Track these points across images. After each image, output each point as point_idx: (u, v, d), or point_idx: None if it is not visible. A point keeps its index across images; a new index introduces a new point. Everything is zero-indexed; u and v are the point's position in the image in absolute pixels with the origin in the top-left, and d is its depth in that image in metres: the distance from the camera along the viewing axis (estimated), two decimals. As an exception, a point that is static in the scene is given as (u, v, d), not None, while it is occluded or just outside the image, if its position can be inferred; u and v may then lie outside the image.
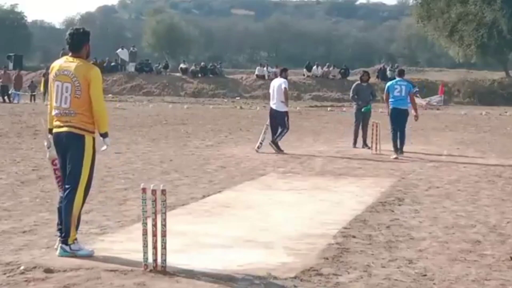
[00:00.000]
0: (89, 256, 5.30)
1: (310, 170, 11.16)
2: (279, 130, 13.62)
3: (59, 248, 5.35)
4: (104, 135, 5.56)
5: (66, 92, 5.31)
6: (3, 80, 33.06)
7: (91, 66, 5.46)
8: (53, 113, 5.42)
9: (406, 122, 13.21)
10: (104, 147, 5.65)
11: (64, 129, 5.34)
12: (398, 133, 13.02)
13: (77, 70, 5.31)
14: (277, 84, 13.71)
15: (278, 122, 13.61)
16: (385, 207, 7.78)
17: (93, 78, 5.33)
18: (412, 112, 13.41)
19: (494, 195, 8.82)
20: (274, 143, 13.49)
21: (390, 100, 13.19)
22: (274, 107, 13.74)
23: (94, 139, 5.46)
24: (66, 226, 5.34)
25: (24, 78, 38.77)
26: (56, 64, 5.43)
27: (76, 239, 5.37)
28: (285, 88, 13.52)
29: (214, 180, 9.74)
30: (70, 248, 5.31)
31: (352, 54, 75.79)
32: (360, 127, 14.84)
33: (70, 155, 5.34)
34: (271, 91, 14.08)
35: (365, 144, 14.47)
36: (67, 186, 5.38)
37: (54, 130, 5.43)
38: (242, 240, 5.96)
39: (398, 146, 12.98)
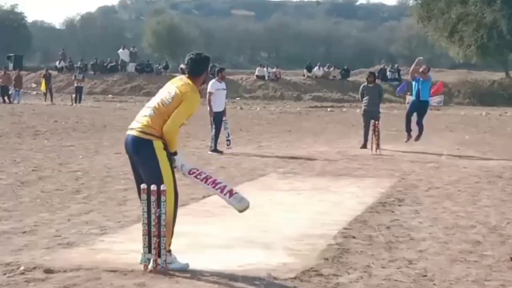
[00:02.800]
0: (184, 270, 4.99)
1: (310, 170, 11.16)
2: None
3: (149, 261, 5.05)
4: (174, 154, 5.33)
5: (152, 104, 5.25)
6: (3, 80, 33.05)
7: (196, 90, 5.36)
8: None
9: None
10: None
11: (131, 131, 5.21)
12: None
13: (182, 87, 5.26)
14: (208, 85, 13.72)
15: None
16: (385, 207, 7.78)
17: (187, 98, 5.21)
18: None
19: (494, 195, 8.82)
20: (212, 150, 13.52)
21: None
22: None
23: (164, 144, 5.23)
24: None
25: (24, 78, 38.76)
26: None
27: (170, 250, 5.09)
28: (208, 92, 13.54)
29: (214, 180, 9.71)
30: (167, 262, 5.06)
31: (352, 54, 75.68)
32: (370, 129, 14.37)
33: (138, 157, 5.25)
34: None
35: (377, 148, 13.80)
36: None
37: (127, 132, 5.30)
38: (242, 241, 5.97)
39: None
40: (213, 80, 13.81)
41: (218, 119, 13.72)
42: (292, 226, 6.66)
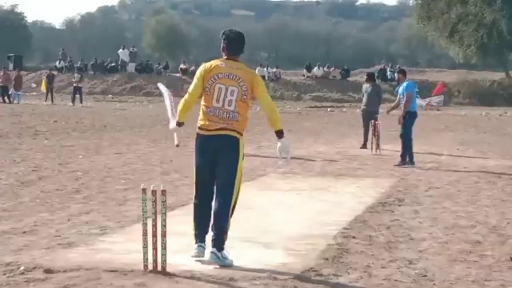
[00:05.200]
0: (229, 266, 5.11)
1: (310, 170, 11.16)
2: None
3: (209, 254, 5.17)
4: (280, 134, 5.42)
5: (232, 95, 5.24)
6: (3, 80, 33.05)
7: (254, 72, 5.49)
8: (209, 112, 5.28)
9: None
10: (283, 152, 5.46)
11: (225, 132, 5.24)
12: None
13: (245, 75, 5.31)
14: None
15: None
16: (385, 207, 7.78)
17: (257, 82, 5.36)
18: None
19: (494, 195, 8.82)
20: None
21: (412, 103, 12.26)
22: None
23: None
24: (222, 232, 5.24)
25: (24, 78, 38.76)
26: (213, 66, 5.33)
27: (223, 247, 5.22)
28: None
29: (214, 180, 9.72)
30: (222, 256, 5.16)
31: (352, 54, 75.73)
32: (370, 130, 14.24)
33: (226, 158, 5.26)
34: None
35: (377, 148, 13.75)
36: (223, 190, 5.25)
37: (209, 133, 5.29)
38: (242, 241, 5.96)
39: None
40: None
41: None
42: (292, 226, 6.66)
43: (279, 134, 5.41)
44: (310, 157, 12.90)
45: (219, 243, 5.21)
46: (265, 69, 44.04)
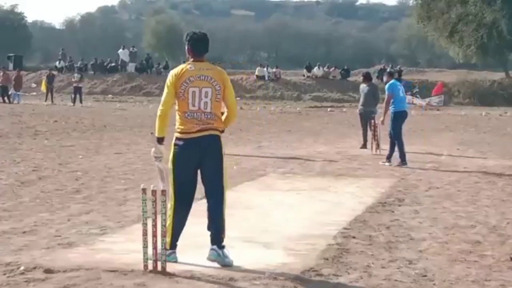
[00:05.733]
0: (229, 265, 5.15)
1: (310, 170, 11.16)
2: None
3: (210, 251, 5.23)
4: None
5: (206, 97, 5.24)
6: (3, 81, 33.04)
7: (222, 69, 5.51)
8: (187, 116, 5.24)
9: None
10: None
11: (207, 132, 5.24)
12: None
13: (216, 75, 5.33)
14: None
15: None
16: (385, 207, 7.78)
17: (227, 81, 5.38)
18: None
19: (494, 195, 8.82)
20: None
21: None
22: None
23: None
24: (221, 231, 5.31)
25: (24, 78, 38.75)
26: (183, 70, 5.31)
27: (223, 246, 5.28)
28: None
29: (214, 180, 9.72)
30: (223, 254, 5.20)
31: (352, 54, 75.76)
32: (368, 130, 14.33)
33: (213, 158, 5.25)
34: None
35: (377, 148, 13.69)
36: (214, 189, 5.27)
37: (190, 136, 5.24)
38: (242, 241, 5.96)
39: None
40: None
41: None
42: (292, 226, 6.66)
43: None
44: (310, 157, 12.90)
45: (219, 241, 5.24)
46: (265, 69, 44.03)
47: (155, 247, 4.93)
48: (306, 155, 13.32)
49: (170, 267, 4.97)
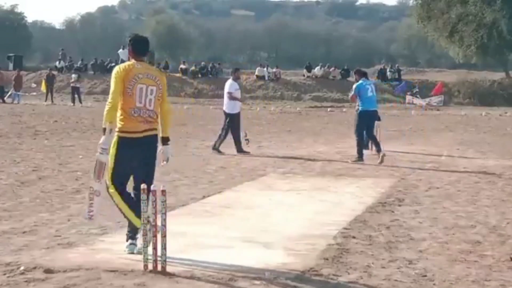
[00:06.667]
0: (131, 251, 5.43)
1: (310, 170, 11.16)
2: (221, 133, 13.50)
3: (130, 245, 5.45)
4: (166, 140, 5.72)
5: (151, 95, 5.48)
6: None
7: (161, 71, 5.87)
8: (133, 113, 5.41)
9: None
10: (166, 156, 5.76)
11: (151, 132, 5.49)
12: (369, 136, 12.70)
13: (159, 75, 5.62)
14: (226, 85, 13.69)
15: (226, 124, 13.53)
16: (385, 207, 7.78)
17: (165, 83, 5.67)
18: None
19: (494, 195, 8.82)
20: (214, 148, 13.32)
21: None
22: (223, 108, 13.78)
23: None
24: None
25: (24, 78, 38.74)
26: (130, 66, 5.53)
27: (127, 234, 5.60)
28: (228, 92, 13.45)
29: (214, 180, 9.74)
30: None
31: (352, 54, 75.79)
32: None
33: (152, 157, 5.54)
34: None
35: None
36: (145, 185, 5.33)
37: (136, 136, 5.42)
38: (242, 241, 5.96)
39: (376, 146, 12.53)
40: (231, 81, 13.75)
41: (237, 120, 13.52)
42: (292, 226, 6.66)
43: (166, 140, 5.68)
44: (310, 157, 12.91)
45: (136, 235, 5.46)
46: (265, 69, 44.02)
47: (155, 247, 4.93)
48: (306, 155, 13.33)
49: (170, 267, 4.97)
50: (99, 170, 5.42)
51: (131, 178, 5.60)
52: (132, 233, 5.49)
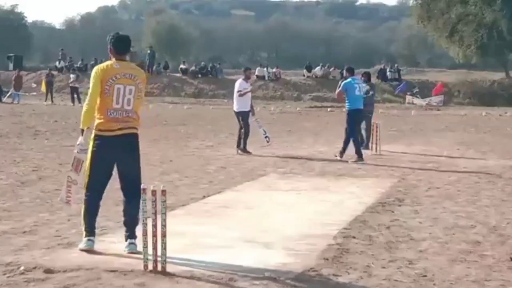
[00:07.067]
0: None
1: (310, 170, 11.16)
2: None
3: (130, 245, 5.46)
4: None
5: (130, 94, 5.49)
6: None
7: (142, 70, 5.87)
8: (109, 114, 5.45)
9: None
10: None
11: (127, 130, 5.51)
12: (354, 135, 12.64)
13: (139, 74, 5.63)
14: (236, 85, 13.71)
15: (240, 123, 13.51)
16: (385, 207, 7.78)
17: (145, 81, 5.70)
18: None
19: (494, 195, 8.82)
20: (241, 150, 13.29)
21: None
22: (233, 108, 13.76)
23: None
24: (137, 224, 5.53)
25: (24, 78, 38.75)
26: (108, 67, 5.55)
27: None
28: (237, 91, 13.45)
29: (214, 180, 9.74)
30: (137, 243, 5.43)
31: (352, 54, 75.67)
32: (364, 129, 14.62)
33: (131, 156, 5.56)
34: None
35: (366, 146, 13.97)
36: (131, 185, 5.50)
37: (112, 134, 5.47)
38: (242, 241, 5.96)
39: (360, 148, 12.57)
40: (240, 80, 13.79)
41: (247, 118, 13.48)
42: (292, 226, 6.66)
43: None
44: (310, 157, 12.90)
45: (135, 235, 5.50)
46: (265, 69, 44.02)
47: (155, 247, 4.93)
48: (306, 155, 13.33)
49: (170, 267, 4.97)
50: (77, 165, 5.64)
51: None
52: (130, 232, 5.52)
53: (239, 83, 13.65)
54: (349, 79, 12.87)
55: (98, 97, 5.46)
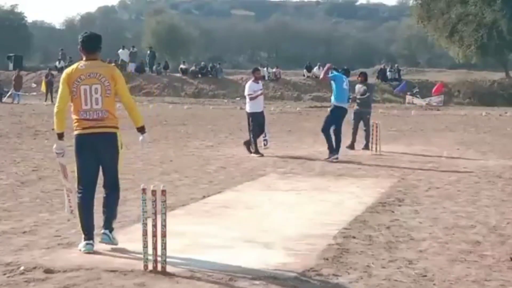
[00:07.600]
0: (116, 245, 5.60)
1: (310, 170, 11.16)
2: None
3: (103, 235, 5.58)
4: (142, 130, 5.95)
5: (96, 93, 5.53)
6: None
7: (113, 66, 5.96)
8: (80, 115, 5.54)
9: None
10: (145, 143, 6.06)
11: (99, 129, 5.56)
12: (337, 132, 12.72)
13: (105, 71, 5.64)
14: (245, 88, 13.60)
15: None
16: (385, 207, 7.78)
17: (119, 77, 5.69)
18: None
19: (494, 195, 8.82)
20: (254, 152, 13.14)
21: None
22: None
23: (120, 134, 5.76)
24: (113, 217, 5.70)
25: (24, 78, 38.75)
26: (73, 70, 5.62)
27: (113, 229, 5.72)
28: (248, 95, 13.34)
29: (214, 180, 9.74)
30: (112, 236, 5.59)
31: (352, 54, 75.77)
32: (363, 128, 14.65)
33: (107, 154, 5.60)
34: None
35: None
36: (110, 181, 5.63)
37: (85, 132, 5.55)
38: (242, 241, 5.97)
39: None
40: (250, 82, 13.49)
41: (258, 120, 13.23)
42: (292, 226, 6.66)
43: (142, 130, 5.95)
44: (310, 157, 12.90)
45: (110, 226, 5.63)
46: (265, 69, 43.96)
47: (155, 247, 4.93)
48: (306, 155, 13.33)
49: (170, 267, 4.97)
50: (63, 170, 5.81)
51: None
52: (107, 223, 5.63)
53: (248, 86, 13.37)
54: (337, 73, 13.23)
55: (68, 100, 5.57)
